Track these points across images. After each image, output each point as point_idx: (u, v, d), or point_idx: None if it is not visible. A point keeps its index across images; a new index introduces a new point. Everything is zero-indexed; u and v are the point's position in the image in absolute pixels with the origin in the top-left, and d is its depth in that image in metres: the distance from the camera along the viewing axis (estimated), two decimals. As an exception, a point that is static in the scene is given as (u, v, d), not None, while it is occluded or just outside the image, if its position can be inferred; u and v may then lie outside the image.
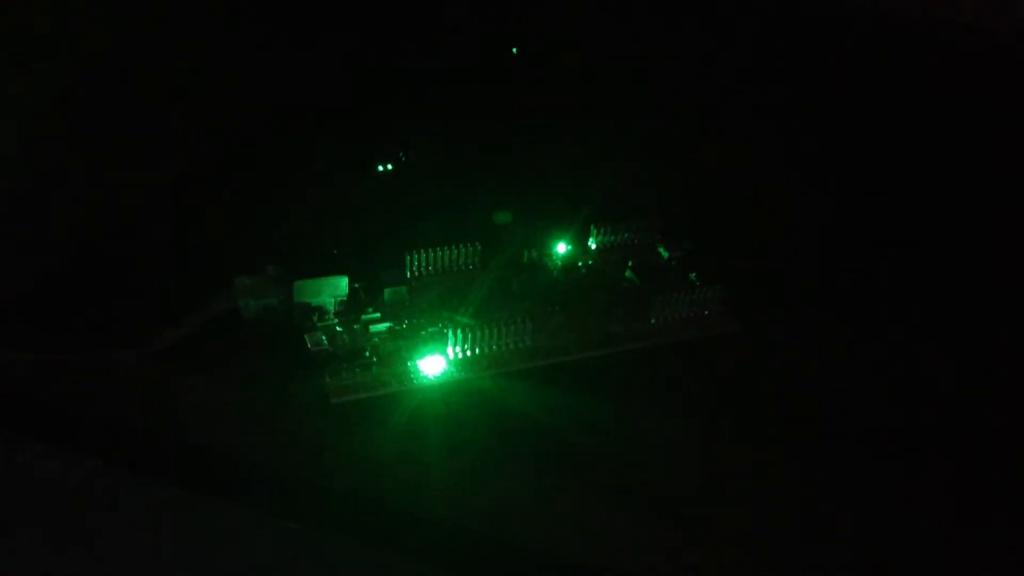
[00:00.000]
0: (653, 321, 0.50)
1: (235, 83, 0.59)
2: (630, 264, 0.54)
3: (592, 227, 0.54)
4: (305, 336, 0.47)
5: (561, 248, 0.54)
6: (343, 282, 0.48)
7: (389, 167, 0.58)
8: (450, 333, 0.46)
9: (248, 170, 0.57)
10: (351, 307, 0.48)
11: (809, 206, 0.59)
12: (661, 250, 0.55)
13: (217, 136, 0.58)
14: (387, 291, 0.49)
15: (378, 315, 0.48)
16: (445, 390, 0.46)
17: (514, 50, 0.66)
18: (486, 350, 0.47)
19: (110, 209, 0.53)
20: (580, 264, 0.54)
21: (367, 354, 0.46)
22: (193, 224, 0.53)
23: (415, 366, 0.46)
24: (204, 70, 0.56)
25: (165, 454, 0.42)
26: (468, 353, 0.47)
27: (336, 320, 0.48)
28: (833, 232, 0.58)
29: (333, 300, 0.48)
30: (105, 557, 0.38)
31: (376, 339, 0.47)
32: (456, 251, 0.51)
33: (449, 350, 0.47)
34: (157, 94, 0.54)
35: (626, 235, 0.55)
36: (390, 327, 0.48)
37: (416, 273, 0.51)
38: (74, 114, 0.49)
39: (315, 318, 0.48)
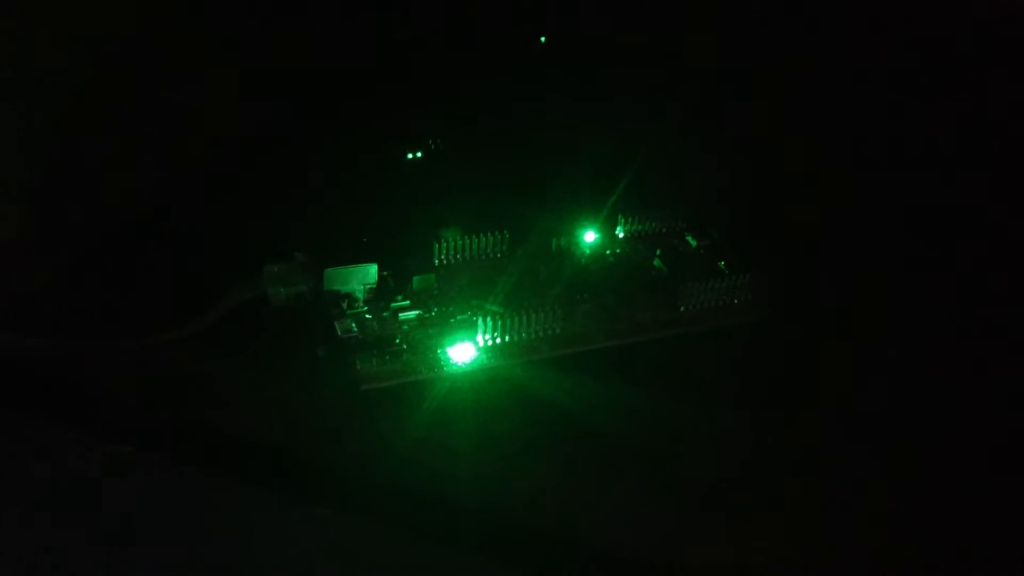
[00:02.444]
0: (682, 309, 0.50)
1: (263, 69, 0.59)
2: (658, 252, 0.53)
3: (620, 215, 0.54)
4: (335, 323, 0.47)
5: (589, 236, 0.54)
6: (372, 269, 0.48)
7: (419, 155, 0.58)
8: (480, 321, 0.46)
9: (277, 157, 0.57)
10: (380, 294, 0.48)
11: (839, 194, 0.58)
12: (689, 238, 0.55)
13: (245, 122, 0.58)
14: (416, 279, 0.49)
15: (407, 303, 0.48)
16: (474, 378, 0.46)
17: (542, 39, 0.65)
18: (515, 338, 0.47)
19: (139, 195, 0.53)
20: (608, 252, 0.54)
21: (397, 341, 0.46)
22: (222, 211, 0.53)
23: (444, 353, 0.46)
24: (229, 55, 0.56)
25: (192, 441, 0.42)
26: (497, 341, 0.47)
27: (365, 308, 0.48)
28: (862, 220, 0.57)
29: (362, 287, 0.48)
30: (129, 544, 0.38)
31: (405, 326, 0.47)
32: (484, 239, 0.51)
33: (479, 337, 0.47)
34: (183, 79, 0.54)
35: (654, 223, 0.55)
36: (419, 314, 0.48)
37: (444, 261, 0.51)
38: (95, 100, 0.49)
39: (344, 305, 0.48)
